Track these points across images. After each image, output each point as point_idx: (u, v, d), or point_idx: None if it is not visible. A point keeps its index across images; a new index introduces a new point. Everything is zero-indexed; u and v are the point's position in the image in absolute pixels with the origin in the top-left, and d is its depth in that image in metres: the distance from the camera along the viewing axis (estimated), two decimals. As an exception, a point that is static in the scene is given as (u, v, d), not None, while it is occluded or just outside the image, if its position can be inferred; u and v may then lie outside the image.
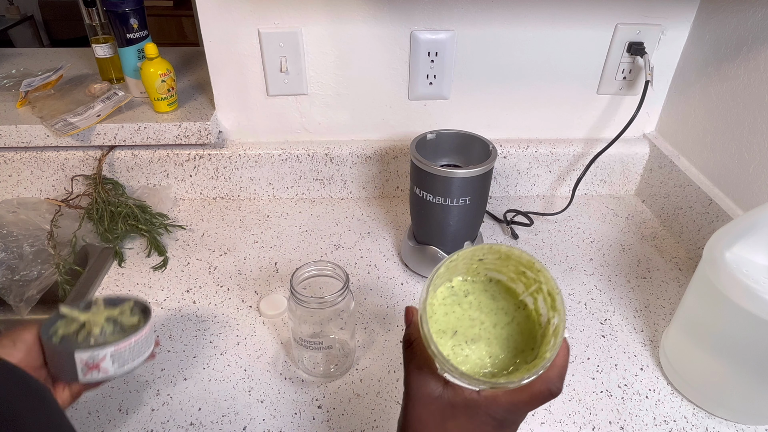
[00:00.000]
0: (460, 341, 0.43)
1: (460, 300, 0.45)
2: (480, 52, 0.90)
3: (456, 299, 0.45)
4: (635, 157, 1.00)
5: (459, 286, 0.46)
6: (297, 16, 0.86)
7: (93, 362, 0.50)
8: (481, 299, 0.45)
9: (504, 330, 0.44)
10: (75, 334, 0.53)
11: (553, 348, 0.39)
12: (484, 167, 0.72)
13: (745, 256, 0.56)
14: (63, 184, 0.97)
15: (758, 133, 0.75)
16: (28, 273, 0.82)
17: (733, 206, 0.80)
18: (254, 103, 0.94)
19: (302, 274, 0.64)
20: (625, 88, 0.95)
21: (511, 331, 0.44)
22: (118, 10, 0.89)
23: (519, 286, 0.45)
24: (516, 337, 0.44)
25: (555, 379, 0.39)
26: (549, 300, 0.42)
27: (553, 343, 0.40)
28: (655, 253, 0.89)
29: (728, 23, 0.81)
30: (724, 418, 0.63)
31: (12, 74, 1.05)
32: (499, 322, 0.44)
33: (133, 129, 0.90)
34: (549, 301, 0.42)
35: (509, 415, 0.39)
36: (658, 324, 0.75)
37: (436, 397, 0.40)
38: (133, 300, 0.57)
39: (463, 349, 0.43)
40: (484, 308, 0.45)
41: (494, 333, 0.44)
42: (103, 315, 0.54)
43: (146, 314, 0.56)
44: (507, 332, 0.44)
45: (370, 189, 1.02)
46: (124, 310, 0.56)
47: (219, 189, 1.00)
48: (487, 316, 0.44)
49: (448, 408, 0.39)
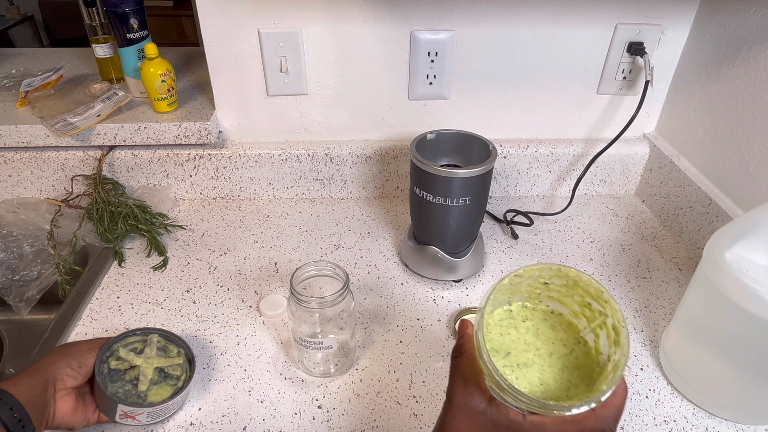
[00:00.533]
0: (512, 363, 0.42)
1: (517, 324, 0.44)
2: (480, 52, 0.90)
3: (513, 322, 0.44)
4: (635, 157, 1.00)
5: (518, 311, 0.45)
6: (297, 16, 0.86)
7: (131, 414, 0.57)
8: (540, 327, 0.44)
9: (560, 361, 0.42)
10: (124, 372, 0.60)
11: (611, 382, 0.37)
12: (484, 167, 0.72)
13: (745, 256, 0.56)
14: (63, 184, 0.97)
15: (758, 133, 0.75)
16: (28, 273, 0.82)
17: (733, 206, 0.80)
18: (254, 103, 0.94)
19: (302, 274, 0.64)
20: (625, 88, 0.95)
21: (567, 364, 0.42)
22: (118, 10, 0.89)
23: (581, 322, 0.43)
24: (571, 370, 0.42)
25: (609, 419, 0.37)
26: (613, 335, 0.40)
27: (611, 378, 0.38)
28: (655, 253, 0.89)
29: (728, 23, 0.81)
30: (724, 418, 0.63)
31: (12, 74, 1.05)
32: (556, 352, 0.43)
33: (133, 129, 0.90)
34: (612, 336, 0.40)
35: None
36: (658, 324, 0.75)
37: (479, 412, 0.39)
38: (185, 351, 0.63)
39: (513, 371, 0.41)
40: (542, 336, 0.44)
41: (549, 362, 0.42)
42: (154, 364, 0.60)
43: (191, 367, 0.62)
44: (562, 364, 0.42)
45: (370, 189, 1.02)
46: (174, 361, 0.62)
47: (219, 189, 1.00)
48: (543, 344, 0.43)
49: (491, 425, 0.38)
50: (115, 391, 0.58)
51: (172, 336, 0.65)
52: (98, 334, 0.72)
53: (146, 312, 0.76)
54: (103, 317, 0.75)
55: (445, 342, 0.72)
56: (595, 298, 0.41)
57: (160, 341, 0.64)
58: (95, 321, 0.74)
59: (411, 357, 0.70)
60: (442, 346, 0.71)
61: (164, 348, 0.64)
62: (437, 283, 0.82)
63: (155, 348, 0.62)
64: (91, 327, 0.73)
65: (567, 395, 0.40)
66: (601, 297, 0.41)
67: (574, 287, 0.42)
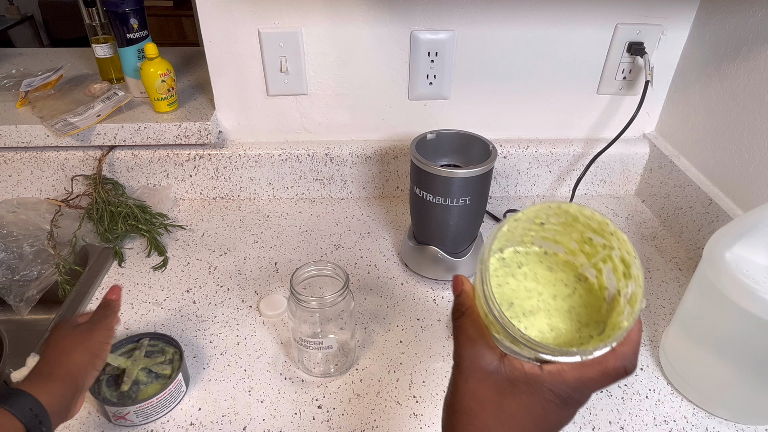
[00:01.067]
0: (517, 313, 0.39)
1: (514, 271, 0.41)
2: (480, 52, 0.90)
3: (509, 270, 0.41)
4: (635, 157, 1.00)
5: (511, 258, 0.41)
6: (297, 16, 0.86)
7: (119, 414, 0.59)
8: (537, 270, 0.41)
9: (565, 302, 0.40)
10: (116, 376, 0.63)
11: (629, 316, 0.35)
12: (484, 167, 0.72)
13: (745, 256, 0.56)
14: (63, 184, 0.97)
15: (758, 133, 0.75)
16: (28, 273, 0.82)
17: (733, 206, 0.80)
18: (254, 103, 0.94)
19: (302, 274, 0.64)
20: (625, 88, 0.95)
21: (573, 303, 0.40)
22: (118, 10, 0.89)
23: (579, 258, 0.41)
24: (579, 309, 0.39)
25: (630, 355, 0.35)
26: (621, 267, 0.37)
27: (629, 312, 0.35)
28: (655, 253, 0.89)
29: (728, 23, 0.81)
30: (724, 418, 0.63)
31: (12, 74, 1.05)
32: (559, 294, 0.40)
33: (133, 129, 0.90)
34: (621, 269, 0.37)
35: (575, 393, 0.35)
36: (658, 324, 0.75)
37: (492, 371, 0.36)
38: (173, 350, 0.65)
39: (520, 322, 0.38)
40: (541, 279, 0.41)
41: (554, 305, 0.39)
42: (140, 365, 0.63)
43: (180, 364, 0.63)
44: (568, 304, 0.39)
45: (370, 189, 1.02)
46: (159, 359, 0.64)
47: (219, 189, 1.00)
48: (545, 288, 0.40)
49: (506, 384, 0.35)
50: (109, 394, 0.60)
51: (161, 336, 0.66)
52: (98, 334, 0.72)
53: (146, 312, 0.76)
54: (103, 317, 0.75)
55: (445, 342, 0.72)
56: (597, 231, 0.38)
57: (151, 343, 0.66)
58: (95, 321, 0.74)
59: (411, 357, 0.70)
60: (443, 346, 0.71)
61: (158, 350, 0.65)
62: (437, 283, 0.82)
63: (144, 350, 0.65)
64: (91, 327, 0.73)
65: (579, 336, 0.38)
66: (606, 229, 0.38)
67: (573, 224, 0.39)
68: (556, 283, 0.41)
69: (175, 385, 0.61)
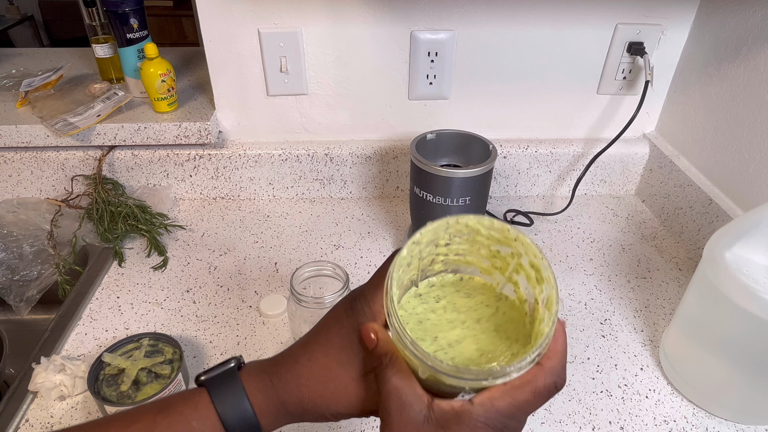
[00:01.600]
0: (443, 345, 0.37)
1: (433, 306, 0.39)
2: (480, 52, 0.90)
3: (428, 306, 0.39)
4: (635, 157, 1.00)
5: (427, 292, 0.40)
6: (297, 16, 0.86)
7: None
8: (456, 300, 0.40)
9: (490, 323, 0.38)
10: (116, 376, 0.62)
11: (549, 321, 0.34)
12: (484, 167, 0.72)
13: (745, 256, 0.56)
14: (63, 184, 0.97)
15: (758, 133, 0.75)
16: (28, 273, 0.82)
17: (733, 206, 0.80)
18: (254, 103, 0.94)
19: (302, 274, 0.64)
20: (625, 88, 0.95)
21: (499, 321, 0.38)
22: (118, 10, 0.89)
23: (495, 277, 0.40)
24: (506, 326, 0.38)
25: (558, 368, 0.34)
26: (533, 273, 0.36)
27: (548, 316, 0.34)
28: (655, 253, 0.89)
29: (728, 23, 0.81)
30: (724, 418, 0.63)
31: (12, 74, 1.05)
32: (483, 316, 0.39)
33: (133, 129, 0.90)
34: (533, 275, 0.36)
35: (510, 420, 0.34)
36: (658, 324, 0.75)
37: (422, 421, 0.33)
38: (173, 350, 0.65)
39: (447, 353, 0.36)
40: (462, 308, 0.39)
41: (480, 328, 0.38)
42: (139, 365, 0.63)
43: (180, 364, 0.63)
44: (494, 324, 0.38)
45: (370, 189, 1.02)
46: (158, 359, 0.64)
47: (219, 189, 1.00)
48: (467, 315, 0.39)
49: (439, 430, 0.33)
50: (108, 394, 0.60)
51: (161, 336, 0.66)
52: (98, 334, 0.72)
53: (146, 312, 0.76)
54: (103, 317, 0.75)
55: (445, 342, 0.72)
56: (501, 241, 0.37)
57: (151, 343, 0.66)
58: (95, 321, 0.74)
59: (411, 357, 0.70)
60: (442, 346, 0.71)
61: (157, 350, 0.65)
62: (437, 283, 0.82)
63: (144, 350, 0.65)
64: (91, 327, 0.73)
65: (510, 353, 0.36)
66: (508, 236, 0.36)
67: (476, 238, 0.38)
68: (477, 307, 0.39)
69: (175, 385, 0.61)
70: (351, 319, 0.37)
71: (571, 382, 0.67)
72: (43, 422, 0.61)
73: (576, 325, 0.75)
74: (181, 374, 0.62)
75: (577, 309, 0.78)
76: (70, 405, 0.63)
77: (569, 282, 0.83)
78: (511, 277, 0.39)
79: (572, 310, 0.78)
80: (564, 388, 0.65)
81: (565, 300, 0.79)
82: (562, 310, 0.77)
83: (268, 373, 0.38)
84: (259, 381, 0.38)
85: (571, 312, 0.77)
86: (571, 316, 0.76)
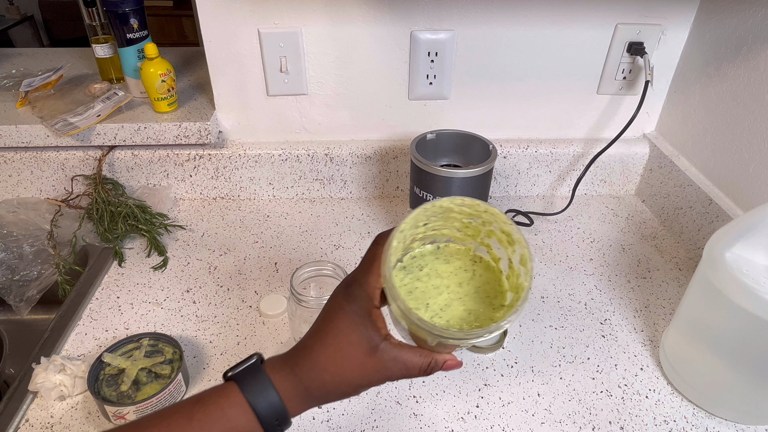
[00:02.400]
0: (435, 311, 0.42)
1: (418, 275, 0.45)
2: (480, 52, 0.90)
3: (414, 276, 0.45)
4: (635, 157, 1.00)
5: (411, 264, 0.45)
6: (297, 16, 0.86)
7: (119, 414, 0.59)
8: (437, 267, 0.45)
9: (470, 285, 0.44)
10: (116, 376, 0.62)
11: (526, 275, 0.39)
12: (484, 167, 0.72)
13: (745, 256, 0.56)
14: (63, 184, 0.97)
15: (758, 133, 0.75)
16: (28, 273, 0.82)
17: (733, 206, 0.80)
18: (254, 103, 0.94)
19: (302, 274, 0.64)
20: (625, 88, 0.95)
21: (477, 284, 0.44)
22: (118, 10, 0.89)
23: (468, 242, 0.45)
24: (484, 287, 0.44)
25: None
26: (504, 237, 0.42)
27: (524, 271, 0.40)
28: (655, 253, 0.89)
29: (728, 23, 0.81)
30: (724, 418, 0.63)
31: (12, 74, 1.05)
32: (463, 280, 0.44)
33: (133, 129, 0.90)
34: (505, 238, 0.42)
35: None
36: (658, 324, 0.75)
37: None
38: (173, 350, 0.65)
39: (440, 318, 0.42)
40: (443, 273, 0.45)
41: (462, 291, 0.43)
42: (139, 365, 0.63)
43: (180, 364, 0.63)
44: (474, 286, 0.44)
45: (370, 189, 1.02)
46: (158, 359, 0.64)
47: (219, 189, 1.00)
48: (449, 279, 0.44)
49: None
50: (108, 394, 0.60)
51: (161, 336, 0.67)
52: (98, 334, 0.72)
53: (146, 312, 0.76)
54: (103, 317, 0.75)
55: (445, 342, 0.72)
56: (473, 214, 0.42)
57: (151, 343, 0.66)
58: (95, 321, 0.74)
59: (411, 357, 0.70)
60: (442, 346, 0.71)
61: (157, 350, 0.65)
62: (437, 283, 0.82)
63: (144, 350, 0.65)
64: (91, 327, 0.73)
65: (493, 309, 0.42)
66: (479, 209, 0.42)
67: (449, 215, 0.43)
68: (456, 272, 0.45)
69: (175, 385, 0.61)
70: (351, 303, 0.41)
71: (571, 382, 0.67)
72: (43, 422, 0.61)
73: (576, 325, 0.75)
74: (181, 374, 0.62)
75: (577, 309, 0.78)
76: (70, 405, 0.63)
77: (569, 282, 0.83)
78: (484, 241, 0.44)
79: (572, 310, 0.78)
80: (564, 388, 0.66)
81: (565, 300, 0.79)
82: (562, 310, 0.77)
83: (289, 364, 0.42)
84: (281, 371, 0.41)
85: (571, 312, 0.77)
86: (571, 316, 0.76)
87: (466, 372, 0.68)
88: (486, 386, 0.66)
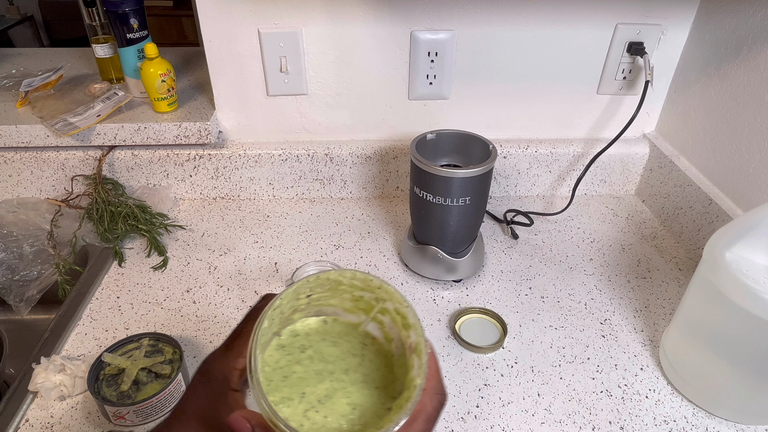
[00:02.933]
0: (313, 403, 0.35)
1: (298, 357, 0.37)
2: (480, 52, 0.90)
3: (292, 358, 0.37)
4: (635, 157, 1.00)
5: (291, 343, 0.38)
6: (297, 16, 0.86)
7: (119, 414, 0.59)
8: (322, 349, 0.38)
9: (358, 373, 0.37)
10: (116, 376, 0.63)
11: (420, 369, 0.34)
12: (484, 167, 0.72)
13: (745, 256, 0.56)
14: (63, 184, 0.97)
15: (758, 133, 0.75)
16: (28, 273, 0.82)
17: (733, 206, 0.80)
18: (254, 103, 0.94)
19: (302, 274, 0.64)
20: (625, 88, 0.95)
21: (366, 371, 0.37)
22: (118, 10, 0.89)
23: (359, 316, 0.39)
24: (373, 375, 0.37)
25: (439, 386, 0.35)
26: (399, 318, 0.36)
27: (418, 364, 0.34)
28: (655, 253, 0.89)
29: (728, 23, 0.81)
30: (724, 418, 0.63)
31: (12, 74, 1.05)
32: (350, 367, 0.37)
33: (133, 129, 0.90)
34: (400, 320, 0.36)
35: None
36: (658, 324, 0.75)
37: None
38: (173, 350, 0.65)
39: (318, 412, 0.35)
40: (329, 357, 0.38)
41: (349, 379, 0.37)
42: (139, 365, 0.63)
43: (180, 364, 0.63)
44: (361, 374, 0.37)
45: (370, 189, 1.02)
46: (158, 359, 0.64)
47: (219, 189, 1.00)
48: (335, 365, 0.37)
49: None
50: (108, 394, 0.60)
51: (161, 336, 0.67)
52: (98, 334, 0.72)
53: (146, 312, 0.76)
54: (103, 317, 0.75)
55: (445, 342, 0.72)
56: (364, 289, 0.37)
57: (151, 343, 0.66)
58: (95, 321, 0.74)
59: (411, 357, 0.70)
60: (442, 346, 0.71)
61: (157, 350, 0.65)
62: (437, 283, 0.82)
63: (144, 350, 0.65)
64: (91, 327, 0.73)
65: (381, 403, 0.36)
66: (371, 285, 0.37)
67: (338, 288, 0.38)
68: (344, 357, 0.38)
69: (175, 385, 0.61)
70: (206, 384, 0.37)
71: (571, 382, 0.67)
72: (43, 422, 0.61)
73: (576, 325, 0.75)
74: (181, 374, 0.62)
75: (577, 309, 0.78)
76: (70, 405, 0.63)
77: (569, 282, 0.83)
78: (376, 317, 0.38)
79: (572, 310, 0.78)
80: (564, 388, 0.66)
81: (565, 300, 0.79)
82: (562, 310, 0.77)
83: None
84: None
85: (571, 312, 0.77)
86: (571, 316, 0.76)
87: (466, 372, 0.68)
88: (486, 386, 0.66)
